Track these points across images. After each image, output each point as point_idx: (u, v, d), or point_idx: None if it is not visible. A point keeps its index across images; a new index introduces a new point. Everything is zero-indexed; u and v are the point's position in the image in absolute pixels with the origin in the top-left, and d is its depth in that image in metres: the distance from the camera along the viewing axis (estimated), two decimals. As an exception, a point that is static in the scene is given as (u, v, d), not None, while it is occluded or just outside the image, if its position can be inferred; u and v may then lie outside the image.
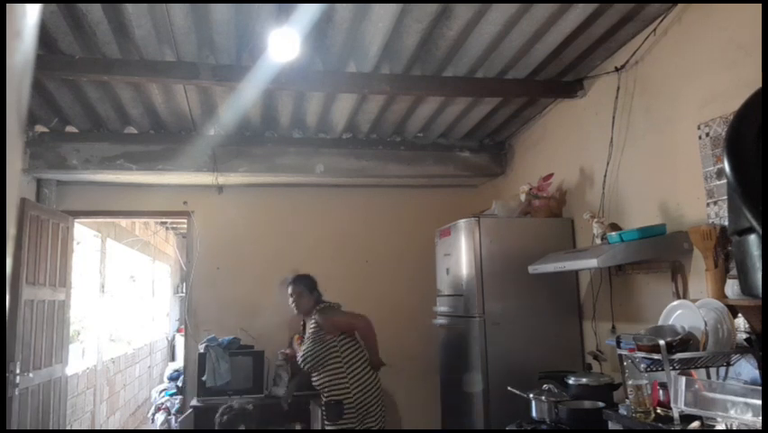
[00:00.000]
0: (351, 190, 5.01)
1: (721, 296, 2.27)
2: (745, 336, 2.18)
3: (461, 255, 3.55)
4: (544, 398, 2.75)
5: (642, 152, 3.00)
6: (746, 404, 1.82)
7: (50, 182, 4.40)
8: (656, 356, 2.13)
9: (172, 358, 9.11)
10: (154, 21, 2.72)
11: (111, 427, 6.07)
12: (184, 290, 5.13)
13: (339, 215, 4.98)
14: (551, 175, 3.71)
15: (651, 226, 2.68)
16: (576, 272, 3.56)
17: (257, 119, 4.10)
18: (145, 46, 2.91)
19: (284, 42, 2.68)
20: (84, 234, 5.50)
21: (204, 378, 4.17)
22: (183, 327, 5.02)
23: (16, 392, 3.43)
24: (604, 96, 3.28)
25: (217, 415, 2.93)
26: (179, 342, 8.19)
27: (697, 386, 2.02)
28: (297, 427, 4.16)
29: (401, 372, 4.77)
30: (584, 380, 2.80)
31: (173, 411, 5.72)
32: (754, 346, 2.11)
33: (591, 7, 2.68)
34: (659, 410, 2.26)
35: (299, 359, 3.40)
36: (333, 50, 3.04)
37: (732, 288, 2.21)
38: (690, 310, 2.26)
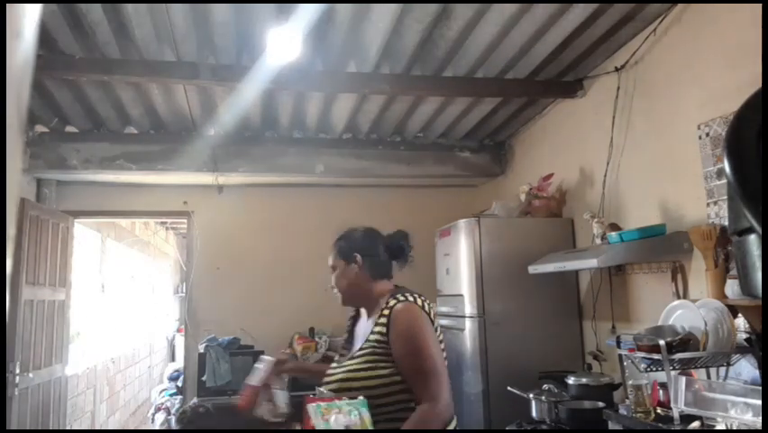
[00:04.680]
0: (351, 190, 5.01)
1: (721, 296, 2.27)
2: (745, 336, 2.18)
3: (461, 255, 3.55)
4: (544, 398, 2.75)
5: (642, 152, 3.00)
6: (746, 404, 1.82)
7: (50, 182, 4.40)
8: (656, 356, 2.13)
9: (172, 358, 9.11)
10: (154, 21, 2.72)
11: (111, 427, 6.07)
12: (184, 290, 5.13)
13: (339, 215, 4.94)
14: (551, 175, 3.71)
15: (651, 226, 2.68)
16: (576, 272, 3.56)
17: (257, 119, 4.09)
18: (145, 46, 2.91)
19: (284, 42, 2.67)
20: (84, 234, 5.50)
21: (204, 378, 4.17)
22: (183, 327, 5.02)
23: (16, 392, 3.43)
24: (604, 97, 3.28)
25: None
26: (179, 342, 8.18)
27: (697, 386, 2.02)
28: (297, 427, 4.16)
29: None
30: (584, 380, 2.80)
31: (173, 411, 5.72)
32: (754, 346, 2.11)
33: (591, 7, 2.68)
34: (659, 410, 2.26)
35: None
36: (333, 50, 3.04)
37: (732, 288, 2.21)
38: (690, 310, 2.26)
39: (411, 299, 1.76)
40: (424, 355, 1.66)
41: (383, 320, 1.72)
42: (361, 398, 1.61)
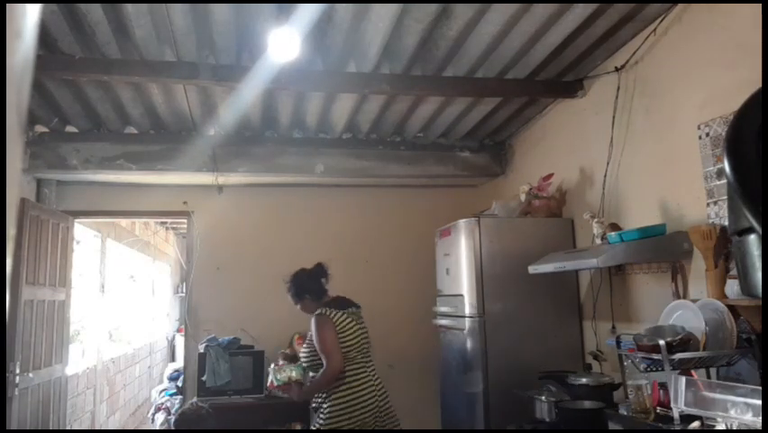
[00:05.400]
0: (351, 190, 5.01)
1: (721, 296, 2.27)
2: (745, 336, 2.18)
3: (461, 255, 3.55)
4: (544, 398, 2.75)
5: (642, 152, 3.00)
6: (746, 404, 1.82)
7: (50, 182, 4.39)
8: (656, 356, 2.13)
9: (172, 358, 9.11)
10: (154, 21, 2.72)
11: (111, 427, 6.07)
12: (184, 290, 5.14)
13: (339, 215, 4.98)
14: (551, 175, 3.71)
15: (651, 226, 2.68)
16: (576, 272, 3.56)
17: (257, 119, 4.09)
18: (145, 46, 2.91)
19: (284, 42, 2.67)
20: (84, 234, 5.50)
21: (204, 378, 4.17)
22: (183, 326, 5.02)
23: (16, 392, 3.43)
24: (604, 96, 3.28)
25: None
26: (179, 342, 8.19)
27: (697, 386, 2.02)
28: (297, 427, 4.16)
29: (401, 371, 4.77)
30: (584, 380, 2.80)
31: (173, 411, 5.72)
32: (754, 346, 2.11)
33: (591, 7, 2.68)
34: (659, 410, 2.26)
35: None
36: (333, 50, 3.04)
37: (732, 288, 2.21)
38: (690, 310, 2.26)
39: (322, 311, 2.91)
40: (319, 343, 2.84)
41: (311, 323, 2.93)
42: (299, 363, 3.00)
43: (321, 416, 2.85)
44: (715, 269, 2.35)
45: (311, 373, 3.00)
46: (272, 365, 3.04)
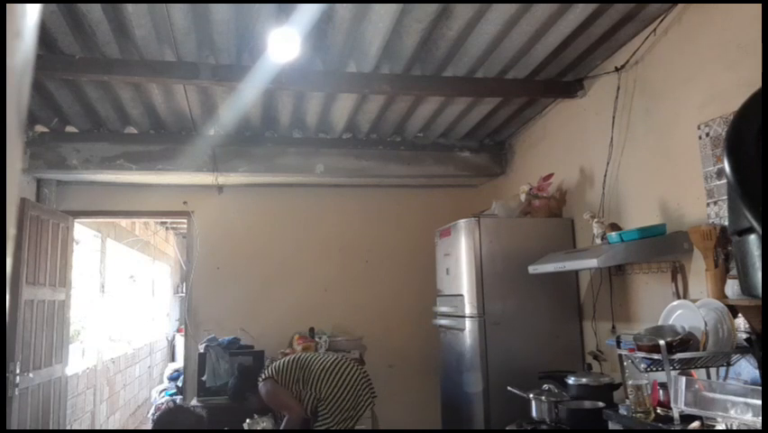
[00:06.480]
0: (351, 190, 5.01)
1: (721, 296, 2.27)
2: (745, 336, 2.18)
3: (461, 255, 3.55)
4: (544, 398, 2.75)
5: (642, 152, 3.00)
6: (746, 404, 1.82)
7: (50, 182, 4.40)
8: (656, 356, 2.13)
9: (172, 358, 9.11)
10: (154, 21, 2.72)
11: (111, 427, 6.07)
12: (184, 290, 5.14)
13: (339, 215, 4.99)
14: (551, 175, 3.71)
15: (651, 226, 2.68)
16: (576, 272, 3.56)
17: (257, 119, 4.09)
18: (145, 46, 2.91)
19: (284, 42, 2.67)
20: (84, 234, 5.50)
21: (204, 378, 4.17)
22: (183, 327, 5.02)
23: (16, 392, 3.43)
24: (604, 96, 3.28)
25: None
26: (179, 342, 8.18)
27: (697, 386, 2.02)
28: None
29: (401, 371, 4.78)
30: (584, 380, 2.80)
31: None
32: (754, 346, 2.11)
33: (591, 7, 2.68)
34: (659, 410, 2.26)
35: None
36: (333, 50, 3.04)
37: (732, 288, 2.21)
38: (690, 310, 2.26)
39: (261, 377, 3.47)
40: (274, 405, 3.48)
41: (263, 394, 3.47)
42: (270, 414, 3.52)
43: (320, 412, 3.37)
44: (715, 269, 2.35)
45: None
46: (247, 420, 3.47)
